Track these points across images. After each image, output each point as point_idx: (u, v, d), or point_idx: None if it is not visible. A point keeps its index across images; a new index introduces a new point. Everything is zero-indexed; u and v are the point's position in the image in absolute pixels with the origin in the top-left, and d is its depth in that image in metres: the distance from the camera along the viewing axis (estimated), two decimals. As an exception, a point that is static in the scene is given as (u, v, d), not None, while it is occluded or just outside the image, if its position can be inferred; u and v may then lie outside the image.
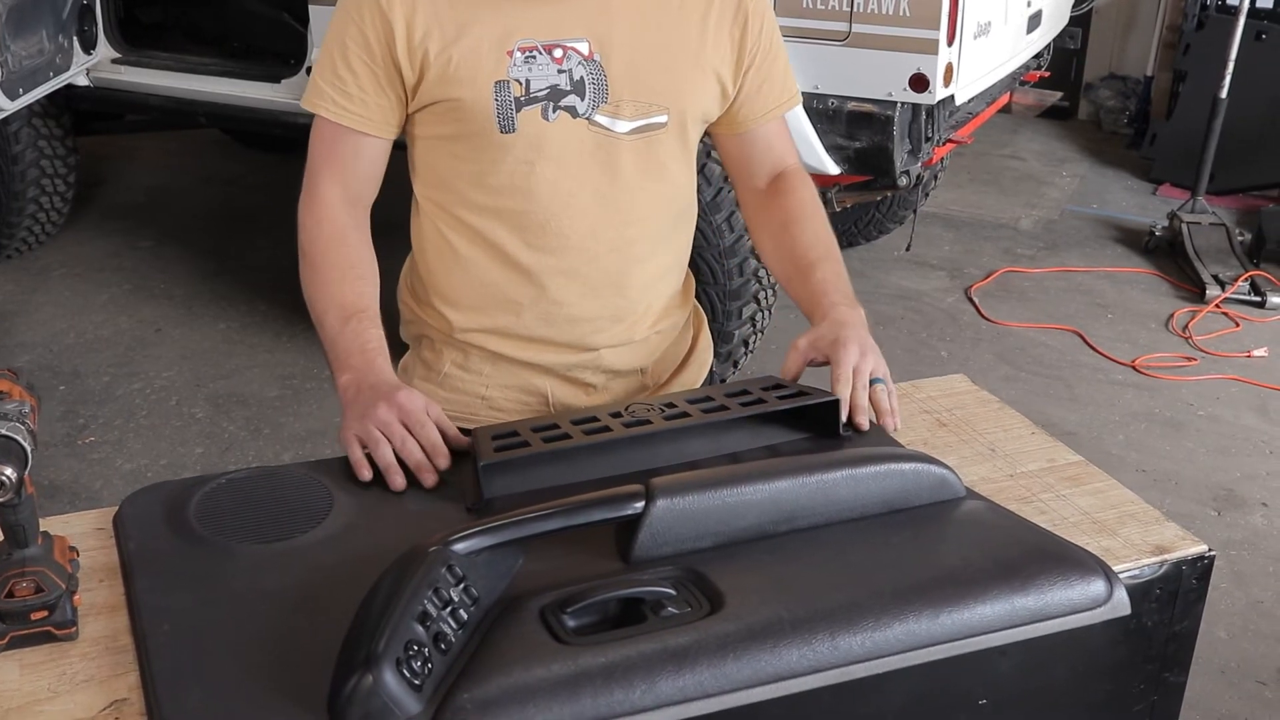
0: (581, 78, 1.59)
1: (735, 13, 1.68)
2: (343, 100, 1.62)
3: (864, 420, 1.53)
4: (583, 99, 1.60)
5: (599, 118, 1.62)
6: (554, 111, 1.60)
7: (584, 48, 1.59)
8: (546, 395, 1.76)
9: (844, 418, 1.52)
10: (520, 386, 1.75)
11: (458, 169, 1.66)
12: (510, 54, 1.57)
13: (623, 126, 1.63)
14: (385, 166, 1.69)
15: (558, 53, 1.58)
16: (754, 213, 1.82)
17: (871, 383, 1.55)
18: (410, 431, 1.44)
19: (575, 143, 1.62)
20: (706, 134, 1.78)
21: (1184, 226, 5.39)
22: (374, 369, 1.53)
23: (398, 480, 1.42)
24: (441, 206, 1.69)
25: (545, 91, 1.59)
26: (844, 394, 1.52)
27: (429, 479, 1.42)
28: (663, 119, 1.65)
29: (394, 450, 1.43)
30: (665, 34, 1.64)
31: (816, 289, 1.67)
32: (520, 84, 1.58)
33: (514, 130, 1.59)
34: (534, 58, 1.58)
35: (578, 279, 1.68)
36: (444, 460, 1.44)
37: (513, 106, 1.58)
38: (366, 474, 1.43)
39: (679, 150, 1.70)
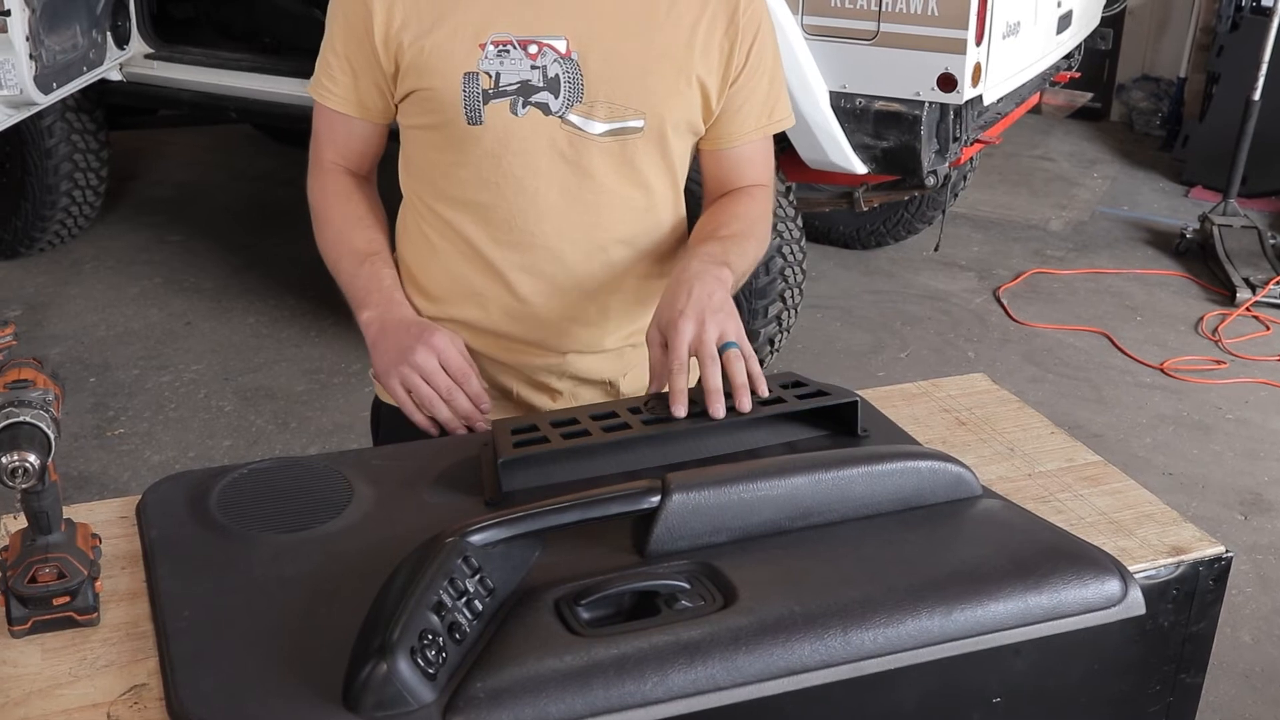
0: (556, 75, 1.59)
1: (727, 25, 1.64)
2: (329, 84, 1.69)
3: (720, 408, 1.38)
4: (556, 97, 1.59)
5: (572, 117, 1.61)
6: (524, 107, 1.60)
7: (561, 45, 1.59)
8: (512, 394, 1.75)
9: (680, 412, 1.38)
10: (487, 381, 1.71)
11: (433, 160, 1.68)
12: (483, 46, 1.58)
13: (596, 128, 1.62)
14: (381, 148, 1.76)
15: (532, 49, 1.58)
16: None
17: (724, 349, 1.41)
18: (454, 379, 1.53)
19: (545, 140, 1.61)
20: None
21: (1215, 229, 5.36)
22: (395, 304, 1.62)
23: (459, 430, 1.53)
24: (419, 197, 1.73)
25: (515, 86, 1.59)
26: (677, 384, 1.39)
27: (482, 426, 1.51)
28: (638, 124, 1.63)
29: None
30: (649, 38, 1.62)
31: (687, 251, 1.62)
32: (490, 76, 1.58)
33: (481, 122, 1.60)
34: (507, 52, 1.58)
35: (543, 278, 1.68)
36: (488, 405, 1.53)
37: (480, 98, 1.59)
38: (423, 420, 1.55)
39: (658, 159, 1.67)
